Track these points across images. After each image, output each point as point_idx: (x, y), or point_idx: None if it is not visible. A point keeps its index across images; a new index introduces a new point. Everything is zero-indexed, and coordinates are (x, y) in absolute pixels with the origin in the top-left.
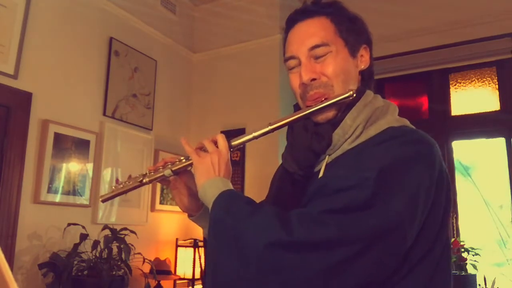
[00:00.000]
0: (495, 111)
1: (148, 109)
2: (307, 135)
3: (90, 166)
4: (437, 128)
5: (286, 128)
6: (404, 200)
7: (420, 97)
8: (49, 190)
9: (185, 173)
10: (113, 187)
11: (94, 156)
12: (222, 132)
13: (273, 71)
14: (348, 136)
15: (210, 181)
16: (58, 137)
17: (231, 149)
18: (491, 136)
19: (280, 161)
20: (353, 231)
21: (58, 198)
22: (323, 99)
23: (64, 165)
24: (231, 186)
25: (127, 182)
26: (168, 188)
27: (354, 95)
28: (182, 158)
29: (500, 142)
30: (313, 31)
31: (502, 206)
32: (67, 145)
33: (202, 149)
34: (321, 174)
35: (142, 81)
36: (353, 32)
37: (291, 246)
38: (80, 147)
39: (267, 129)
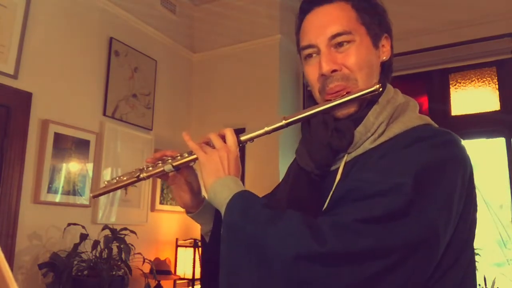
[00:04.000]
0: (495, 111)
1: (148, 109)
2: (327, 131)
3: (90, 166)
4: None
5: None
6: (439, 207)
7: (420, 97)
8: (49, 190)
9: (185, 168)
10: (106, 182)
11: (94, 156)
12: None
13: (273, 71)
14: (370, 134)
15: (220, 181)
16: (58, 137)
17: (240, 145)
18: (491, 136)
19: (280, 161)
20: (390, 242)
21: (58, 198)
22: (345, 92)
23: (64, 165)
24: (243, 186)
25: (121, 177)
26: (167, 183)
27: (381, 89)
28: (185, 153)
29: (500, 142)
30: (334, 18)
31: (502, 206)
32: (67, 145)
33: (208, 144)
34: (339, 174)
35: (142, 81)
36: (375, 20)
37: (324, 258)
38: (80, 147)
39: (281, 123)
